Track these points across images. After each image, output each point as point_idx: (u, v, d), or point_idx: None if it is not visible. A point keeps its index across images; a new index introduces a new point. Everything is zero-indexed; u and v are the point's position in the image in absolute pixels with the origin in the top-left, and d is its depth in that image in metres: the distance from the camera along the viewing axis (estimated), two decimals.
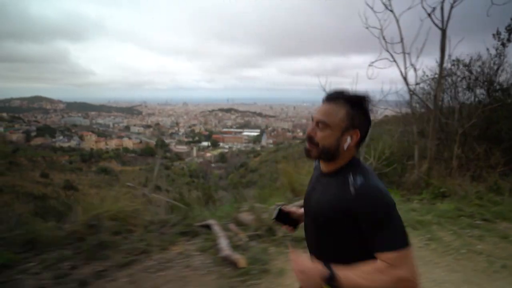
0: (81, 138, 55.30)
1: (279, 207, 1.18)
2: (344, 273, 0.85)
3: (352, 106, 0.93)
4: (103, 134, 63.91)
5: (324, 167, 1.03)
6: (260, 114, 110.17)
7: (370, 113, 0.97)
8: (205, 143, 64.92)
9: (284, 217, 1.18)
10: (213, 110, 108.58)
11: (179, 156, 50.29)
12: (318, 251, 1.02)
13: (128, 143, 54.37)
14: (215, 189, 7.68)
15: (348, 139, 0.94)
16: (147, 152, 47.56)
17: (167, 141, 61.79)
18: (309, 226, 1.06)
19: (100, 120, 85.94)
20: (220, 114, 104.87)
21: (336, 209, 0.91)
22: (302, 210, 1.20)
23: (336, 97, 0.95)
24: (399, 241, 0.84)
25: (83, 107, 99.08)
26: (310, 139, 0.97)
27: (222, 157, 51.11)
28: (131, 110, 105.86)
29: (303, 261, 0.90)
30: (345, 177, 0.93)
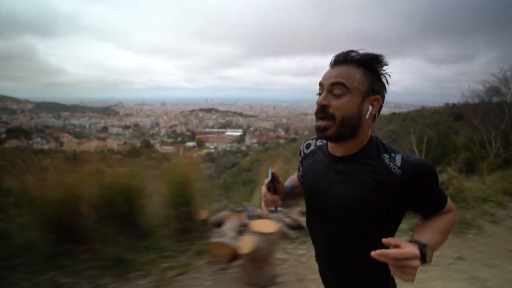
0: (57, 139, 52.66)
1: (271, 170, 0.90)
2: (430, 241, 0.72)
3: (367, 68, 0.77)
4: (80, 135, 61.17)
5: (337, 149, 0.83)
6: (241, 114, 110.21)
7: (386, 78, 0.79)
8: (190, 144, 64.08)
9: (273, 185, 0.89)
10: (193, 110, 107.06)
11: (165, 157, 49.37)
12: (339, 246, 0.84)
13: (112, 144, 52.48)
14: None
15: (370, 107, 0.77)
16: (132, 153, 46.25)
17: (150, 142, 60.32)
18: (326, 220, 0.85)
19: (74, 121, 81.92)
20: (200, 114, 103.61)
21: (379, 198, 0.75)
22: (284, 185, 0.98)
23: (346, 59, 0.77)
24: (445, 192, 0.83)
25: (54, 108, 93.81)
26: (324, 110, 0.76)
27: (209, 157, 50.92)
28: (107, 111, 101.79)
29: (402, 248, 0.65)
30: (376, 159, 0.77)
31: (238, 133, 77.56)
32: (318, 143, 0.94)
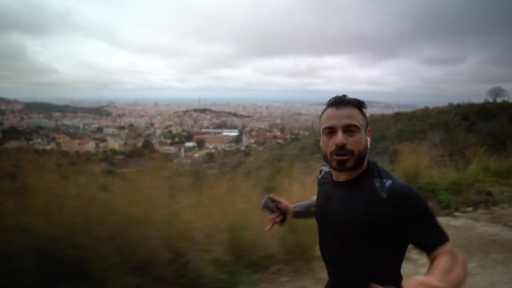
0: (53, 140, 51.83)
1: (268, 194, 1.17)
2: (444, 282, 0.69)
3: (359, 108, 0.95)
4: (75, 136, 60.22)
5: (339, 176, 0.97)
6: (235, 114, 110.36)
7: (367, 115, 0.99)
8: (190, 144, 64.14)
9: (272, 206, 1.16)
10: (187, 111, 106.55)
11: (167, 157, 49.35)
12: (344, 265, 0.96)
13: (114, 144, 52.10)
14: None
15: (369, 139, 0.95)
16: (135, 153, 46.10)
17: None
18: (329, 239, 1.00)
19: (66, 122, 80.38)
20: (195, 114, 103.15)
21: (366, 217, 0.87)
22: (289, 205, 1.20)
23: (347, 101, 0.95)
24: (445, 231, 0.84)
25: (45, 108, 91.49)
26: (344, 148, 0.90)
27: (211, 158, 51.07)
28: (99, 111, 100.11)
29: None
30: (369, 183, 0.91)
31: (234, 133, 77.98)
32: (327, 169, 1.11)
